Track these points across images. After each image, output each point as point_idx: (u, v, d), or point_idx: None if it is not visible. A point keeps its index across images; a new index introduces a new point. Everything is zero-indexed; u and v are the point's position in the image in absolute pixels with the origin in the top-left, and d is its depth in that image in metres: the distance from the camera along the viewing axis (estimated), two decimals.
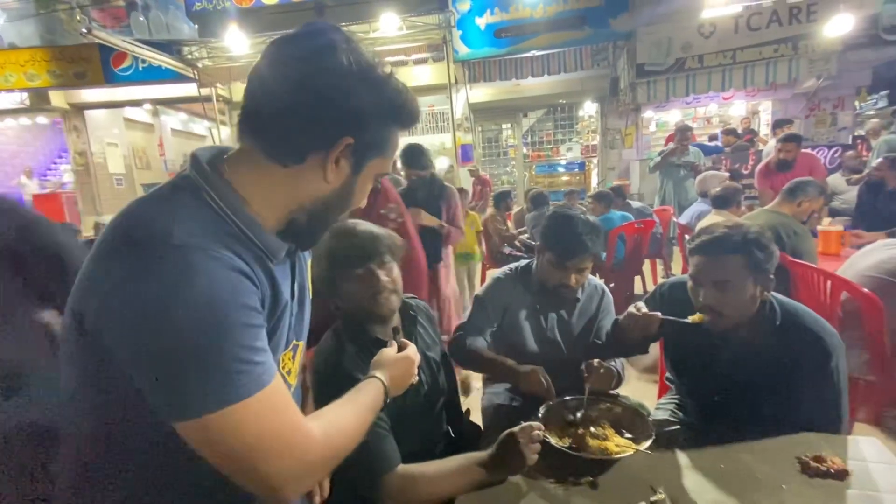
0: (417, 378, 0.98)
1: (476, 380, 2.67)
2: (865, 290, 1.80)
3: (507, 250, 4.63)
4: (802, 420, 1.18)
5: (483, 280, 4.87)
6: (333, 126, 0.62)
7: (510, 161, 12.98)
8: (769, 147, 4.65)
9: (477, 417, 1.79)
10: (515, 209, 5.99)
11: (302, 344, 0.81)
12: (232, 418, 0.55)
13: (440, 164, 10.62)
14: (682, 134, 5.14)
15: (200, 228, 0.58)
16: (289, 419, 0.61)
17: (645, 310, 1.30)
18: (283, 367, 0.75)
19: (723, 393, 1.31)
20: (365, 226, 1.16)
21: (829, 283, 1.98)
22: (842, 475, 1.00)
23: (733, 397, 1.28)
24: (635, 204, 4.65)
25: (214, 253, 0.56)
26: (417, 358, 0.98)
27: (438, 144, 12.27)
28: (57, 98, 8.49)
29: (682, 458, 1.10)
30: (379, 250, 1.13)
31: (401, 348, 0.97)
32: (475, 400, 1.91)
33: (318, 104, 0.60)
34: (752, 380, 1.23)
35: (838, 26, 5.79)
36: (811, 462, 1.03)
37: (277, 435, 0.59)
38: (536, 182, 10.23)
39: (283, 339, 0.73)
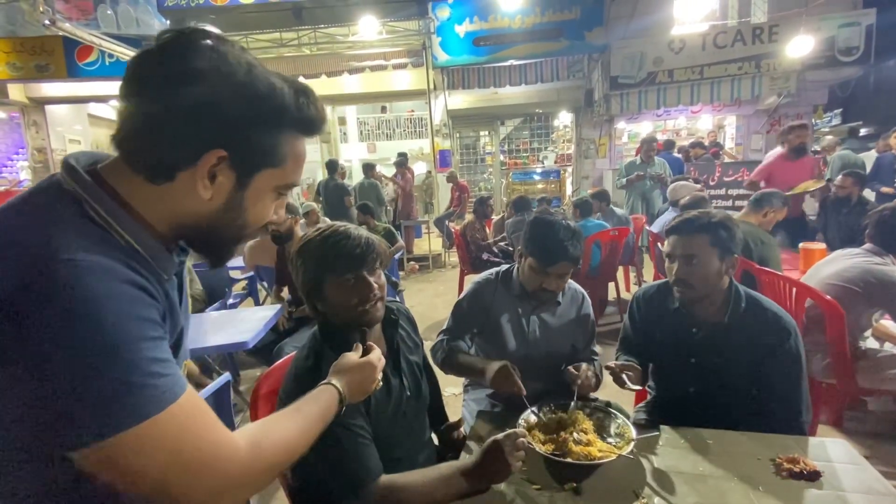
0: (380, 383, 0.97)
1: (454, 385, 2.65)
2: (828, 297, 1.88)
3: (485, 256, 4.65)
4: (770, 402, 1.32)
5: (461, 286, 4.88)
6: (195, 140, 0.56)
7: (487, 168, 13.11)
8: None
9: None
10: (495, 217, 6.04)
11: (189, 363, 0.79)
12: (142, 436, 0.50)
13: (418, 170, 10.63)
14: (648, 145, 5.40)
15: (88, 242, 0.52)
16: (208, 432, 0.56)
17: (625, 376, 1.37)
18: None
19: (699, 381, 1.42)
20: (357, 231, 1.11)
21: (794, 290, 2.07)
22: (814, 476, 1.04)
23: (709, 385, 1.39)
24: (619, 211, 4.76)
25: (106, 267, 0.52)
26: (381, 363, 0.96)
27: (417, 150, 12.28)
28: (15, 91, 8.06)
29: (663, 461, 1.12)
30: (371, 257, 1.10)
31: (365, 352, 0.95)
32: (456, 407, 1.89)
33: (174, 118, 0.55)
34: (724, 364, 1.38)
35: (798, 47, 6.12)
36: (785, 463, 1.07)
37: (195, 449, 0.54)
38: (514, 189, 10.35)
39: (181, 360, 0.70)
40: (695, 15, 6.90)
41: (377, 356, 0.95)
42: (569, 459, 1.07)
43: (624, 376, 1.34)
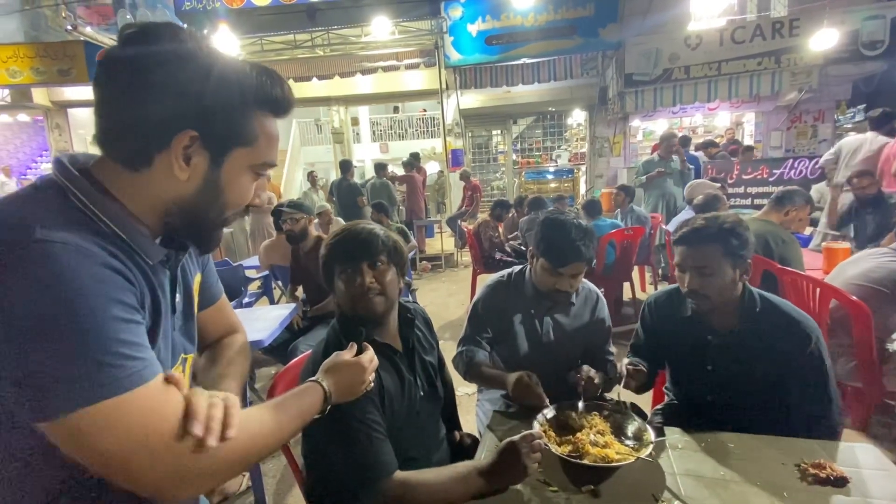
0: (371, 385, 0.96)
1: (468, 386, 2.64)
2: (854, 297, 1.83)
3: (497, 256, 4.63)
4: (795, 411, 1.27)
5: (474, 286, 4.86)
6: (164, 121, 0.59)
7: (500, 167, 13.06)
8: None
9: (472, 424, 1.77)
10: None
11: (192, 356, 0.79)
12: (107, 414, 0.51)
13: (430, 169, 10.64)
14: (668, 142, 5.22)
15: (66, 226, 0.55)
16: (171, 421, 0.56)
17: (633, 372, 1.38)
18: None
19: (717, 389, 1.38)
20: (367, 225, 1.15)
21: (818, 290, 2.01)
22: (841, 482, 1.00)
23: (728, 392, 1.35)
24: (638, 209, 4.70)
25: (81, 248, 0.53)
26: (372, 364, 0.95)
27: (429, 149, 12.30)
28: (39, 95, 8.29)
29: (683, 465, 1.09)
30: (371, 251, 1.11)
31: (360, 353, 0.95)
32: (470, 407, 1.88)
33: (143, 102, 0.58)
34: (742, 371, 1.32)
35: (821, 41, 5.96)
36: (810, 469, 1.04)
37: (158, 433, 0.55)
38: (526, 188, 10.29)
39: (170, 352, 0.70)
40: (712, 10, 6.79)
41: (368, 358, 0.95)
42: (586, 461, 1.06)
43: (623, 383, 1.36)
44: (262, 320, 2.36)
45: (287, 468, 2.29)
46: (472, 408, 1.81)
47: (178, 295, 0.73)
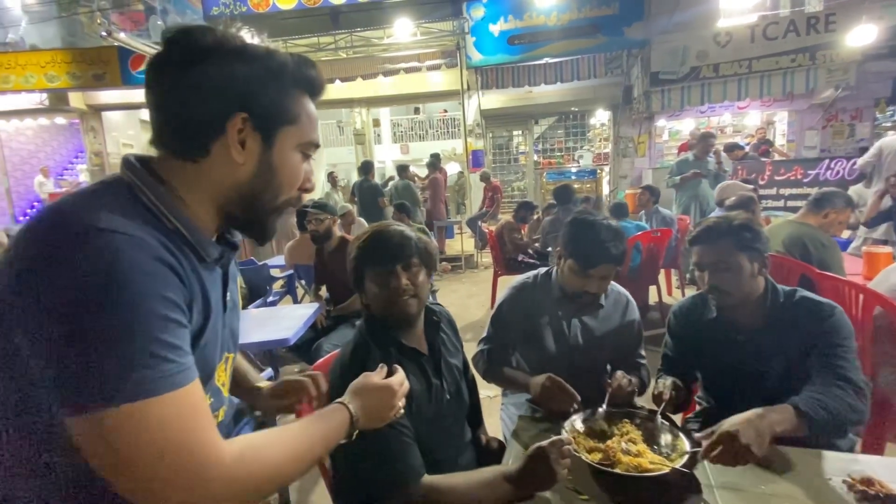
0: (402, 411, 0.89)
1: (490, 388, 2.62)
2: None
3: (519, 258, 4.59)
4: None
5: (494, 287, 4.83)
6: (216, 106, 0.62)
7: (521, 168, 12.97)
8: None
9: (496, 427, 1.75)
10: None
11: (233, 356, 0.79)
12: (132, 416, 0.49)
13: (451, 170, 10.64)
14: (705, 142, 5.01)
15: (130, 219, 0.55)
16: (198, 433, 0.54)
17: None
18: (218, 380, 0.73)
19: (754, 393, 1.31)
20: (398, 227, 1.16)
21: (861, 296, 1.92)
22: (891, 500, 0.94)
23: (764, 395, 1.26)
24: (664, 211, 4.58)
25: (139, 240, 0.54)
26: (403, 388, 0.88)
27: (449, 150, 12.31)
28: (75, 99, 8.62)
29: (721, 477, 1.05)
30: (406, 253, 1.12)
31: (390, 374, 0.88)
32: (492, 409, 1.86)
33: (191, 93, 0.62)
34: (775, 369, 1.31)
35: (859, 37, 5.71)
36: (858, 485, 0.98)
37: (178, 447, 0.52)
38: (547, 189, 10.19)
39: (217, 351, 0.70)
40: (743, 6, 6.59)
41: (399, 381, 0.88)
42: (617, 470, 1.02)
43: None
44: (288, 319, 2.39)
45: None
46: (495, 411, 1.79)
47: (227, 293, 0.74)
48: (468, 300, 5.25)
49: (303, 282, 4.02)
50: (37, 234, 0.53)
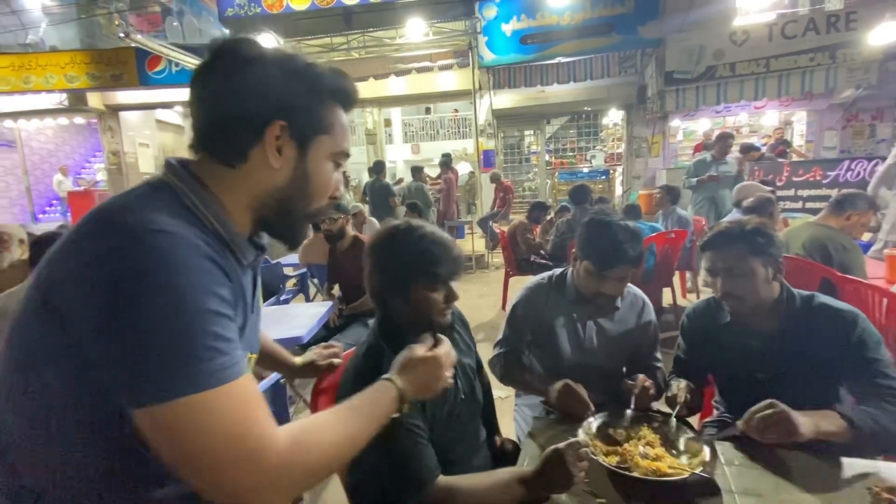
0: (452, 382, 0.88)
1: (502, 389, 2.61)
2: None
3: (532, 258, 4.57)
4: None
5: (505, 288, 4.82)
6: (256, 114, 0.65)
7: (532, 168, 12.92)
8: None
9: (509, 428, 1.74)
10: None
11: (255, 356, 0.80)
12: (194, 407, 0.52)
13: (461, 170, 10.64)
14: (724, 142, 4.89)
15: (177, 220, 0.59)
16: (253, 422, 0.56)
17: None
18: None
19: (764, 399, 1.23)
20: (450, 239, 1.12)
21: (884, 300, 1.87)
22: None
23: (783, 400, 1.22)
24: (680, 212, 4.49)
25: (189, 240, 0.57)
26: (451, 358, 0.88)
27: (461, 150, 12.30)
28: (94, 99, 8.79)
29: (741, 483, 1.03)
30: (461, 269, 1.15)
31: (435, 345, 0.88)
32: (505, 410, 1.85)
33: (236, 101, 0.64)
34: (792, 375, 1.26)
35: (882, 35, 5.59)
36: (884, 493, 0.96)
37: (236, 437, 0.54)
38: (559, 189, 10.13)
39: (247, 349, 0.71)
40: (760, 4, 6.48)
41: (445, 351, 0.87)
42: (635, 474, 1.01)
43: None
44: (302, 317, 2.41)
45: None
46: (508, 412, 1.78)
47: (255, 295, 0.76)
48: (479, 300, 5.23)
49: (315, 280, 4.05)
50: (94, 237, 0.57)
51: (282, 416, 1.93)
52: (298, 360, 1.18)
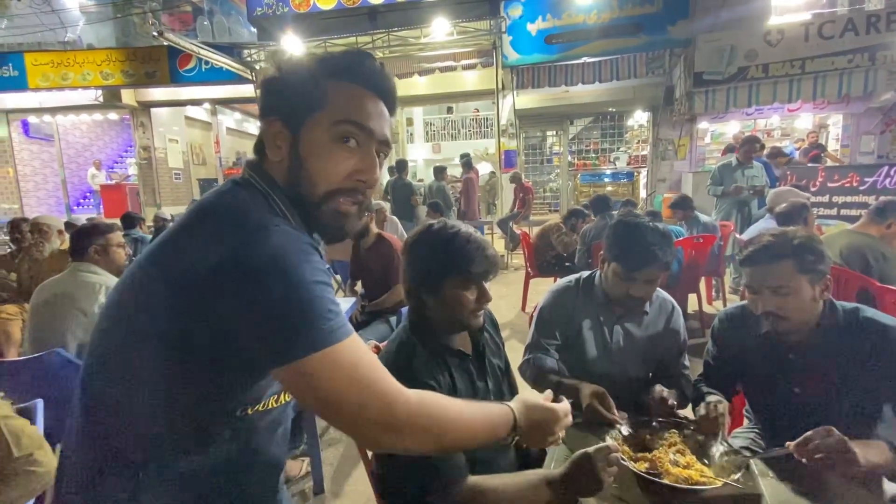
0: (560, 441, 0.91)
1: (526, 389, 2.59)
2: None
3: (567, 264, 4.50)
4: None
5: (526, 289, 4.79)
6: (263, 115, 0.74)
7: (553, 168, 12.79)
8: None
9: None
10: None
11: None
12: (326, 361, 0.61)
13: (483, 170, 10.60)
14: (750, 146, 4.74)
15: (277, 218, 0.69)
16: (381, 373, 0.66)
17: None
18: None
19: (809, 415, 1.22)
20: (485, 240, 1.13)
21: None
22: None
23: (821, 417, 1.18)
24: (703, 217, 4.36)
25: (294, 233, 0.66)
26: (567, 420, 0.90)
27: (482, 150, 12.26)
28: (127, 96, 9.06)
29: (777, 496, 1.00)
30: (497, 270, 1.14)
31: (556, 402, 0.91)
32: None
33: (260, 105, 0.75)
34: (832, 393, 1.20)
35: None
36: None
37: (369, 383, 0.64)
38: (581, 191, 10.02)
39: None
40: (796, 3, 6.28)
41: (565, 410, 0.90)
42: (666, 481, 1.00)
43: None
44: None
45: (345, 458, 2.37)
46: None
47: None
48: (499, 301, 5.21)
49: (338, 277, 4.10)
50: (224, 233, 0.64)
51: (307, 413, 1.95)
52: None
